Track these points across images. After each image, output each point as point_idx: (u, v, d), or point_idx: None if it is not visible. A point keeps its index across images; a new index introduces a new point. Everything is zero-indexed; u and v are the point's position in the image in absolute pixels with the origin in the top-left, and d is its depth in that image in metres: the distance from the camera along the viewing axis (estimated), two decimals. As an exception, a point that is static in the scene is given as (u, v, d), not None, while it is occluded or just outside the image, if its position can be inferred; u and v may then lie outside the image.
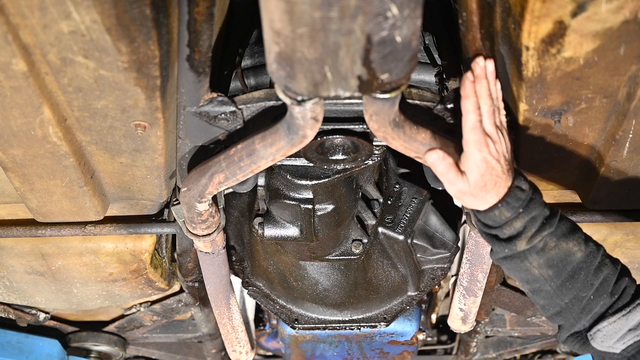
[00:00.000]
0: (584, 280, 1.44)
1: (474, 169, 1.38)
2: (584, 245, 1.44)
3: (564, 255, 1.43)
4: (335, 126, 1.53)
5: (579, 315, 1.47)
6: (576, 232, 1.46)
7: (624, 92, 1.42)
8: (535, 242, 1.42)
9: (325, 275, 2.19)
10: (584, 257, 1.43)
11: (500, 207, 1.40)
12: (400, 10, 1.00)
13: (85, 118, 1.44)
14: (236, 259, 2.30)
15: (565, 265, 1.43)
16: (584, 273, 1.44)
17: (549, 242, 1.42)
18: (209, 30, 1.34)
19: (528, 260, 1.44)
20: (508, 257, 1.46)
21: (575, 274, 1.44)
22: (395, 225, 2.16)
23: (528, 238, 1.42)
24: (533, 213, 1.41)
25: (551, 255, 1.43)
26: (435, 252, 2.22)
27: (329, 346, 2.48)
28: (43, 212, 1.76)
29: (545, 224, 1.41)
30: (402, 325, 2.36)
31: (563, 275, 1.44)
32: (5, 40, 1.20)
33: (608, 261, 1.46)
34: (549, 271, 1.44)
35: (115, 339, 2.75)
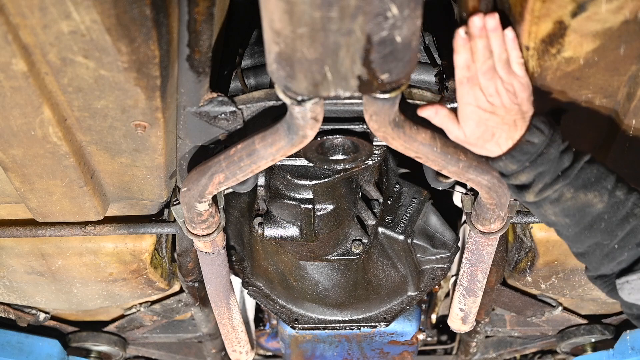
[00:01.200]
0: (604, 230, 1.41)
1: (467, 121, 1.38)
2: (607, 196, 1.40)
3: (581, 206, 1.41)
4: (335, 126, 1.53)
5: (602, 261, 1.45)
6: (601, 181, 1.41)
7: (624, 92, 1.42)
8: (547, 194, 1.41)
9: (325, 275, 2.19)
10: (605, 207, 1.40)
11: (505, 159, 1.40)
12: (400, 10, 1.00)
13: (85, 118, 1.45)
14: (236, 259, 2.30)
15: (583, 215, 1.41)
16: (605, 224, 1.41)
17: (566, 193, 1.40)
18: (209, 30, 1.34)
19: (542, 208, 1.44)
20: (526, 205, 1.46)
21: (595, 224, 1.42)
22: (395, 225, 2.16)
23: (536, 192, 1.41)
24: (541, 168, 1.38)
25: (567, 206, 1.41)
26: (435, 252, 2.22)
27: (329, 346, 2.48)
28: (43, 212, 1.77)
29: (559, 178, 1.39)
30: (402, 325, 2.36)
31: (581, 225, 1.43)
32: (5, 40, 1.20)
33: (638, 211, 1.41)
34: (566, 219, 1.43)
35: (115, 339, 2.75)
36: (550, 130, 1.38)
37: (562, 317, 2.55)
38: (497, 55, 1.31)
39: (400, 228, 2.17)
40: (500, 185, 1.60)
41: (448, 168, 1.50)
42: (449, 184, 1.91)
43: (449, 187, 1.95)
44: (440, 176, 1.84)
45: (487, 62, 1.31)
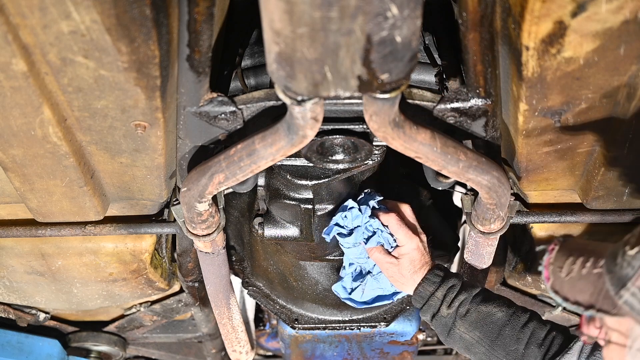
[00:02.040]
0: (510, 335, 1.69)
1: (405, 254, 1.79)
2: (505, 307, 1.73)
3: (485, 316, 1.71)
4: (335, 126, 1.53)
5: None
6: (498, 299, 1.75)
7: (624, 92, 1.42)
8: (456, 307, 1.72)
9: (325, 275, 2.19)
10: (506, 316, 1.71)
11: (423, 285, 1.76)
12: (400, 10, 1.00)
13: (85, 118, 1.45)
14: (236, 259, 2.29)
15: (488, 324, 1.71)
16: (509, 329, 1.70)
17: (470, 308, 1.72)
18: (209, 30, 1.34)
19: (457, 327, 1.73)
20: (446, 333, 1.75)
21: (501, 331, 1.70)
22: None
23: (448, 304, 1.73)
24: (451, 283, 1.74)
25: (473, 319, 1.72)
26: (435, 252, 2.22)
27: (329, 346, 2.47)
28: (43, 212, 1.77)
29: (462, 291, 1.73)
30: (402, 325, 2.36)
31: (490, 334, 1.71)
32: (5, 40, 1.20)
33: (535, 320, 1.71)
34: (477, 332, 1.72)
35: (115, 339, 2.74)
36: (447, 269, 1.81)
37: (562, 317, 2.55)
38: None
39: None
40: (500, 185, 1.60)
41: (448, 168, 1.50)
42: (449, 184, 1.91)
43: (449, 187, 1.95)
44: (440, 176, 1.85)
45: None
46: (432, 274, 1.76)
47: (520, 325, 1.69)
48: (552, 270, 1.29)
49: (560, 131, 1.54)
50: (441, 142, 1.44)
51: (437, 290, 1.74)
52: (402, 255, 1.80)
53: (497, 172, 1.57)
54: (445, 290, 1.73)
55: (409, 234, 1.79)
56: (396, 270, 1.81)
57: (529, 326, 1.69)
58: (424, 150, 1.44)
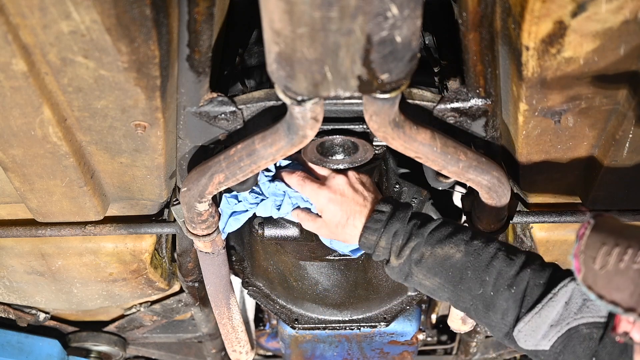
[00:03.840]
0: (473, 279, 1.47)
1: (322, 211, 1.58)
2: (464, 246, 1.48)
3: (441, 260, 1.49)
4: (335, 126, 1.53)
5: (489, 315, 1.47)
6: (456, 234, 1.50)
7: (624, 92, 1.42)
8: (407, 255, 1.51)
9: (325, 275, 2.19)
10: (464, 256, 1.47)
11: (364, 234, 1.54)
12: (400, 10, 1.00)
13: (85, 118, 1.45)
14: (236, 259, 2.29)
15: (447, 268, 1.49)
16: (471, 271, 1.47)
17: (425, 252, 1.50)
18: (209, 30, 1.34)
19: (414, 275, 1.53)
20: (403, 279, 1.55)
21: (463, 274, 1.48)
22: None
23: (396, 253, 1.52)
24: (394, 229, 1.51)
25: (429, 264, 1.50)
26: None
27: (329, 346, 2.47)
28: (43, 212, 1.77)
29: (412, 237, 1.51)
30: (402, 325, 2.36)
31: (452, 280, 1.49)
32: (5, 40, 1.20)
33: (502, 255, 1.46)
34: (436, 279, 1.50)
35: (115, 339, 2.74)
36: (395, 201, 1.56)
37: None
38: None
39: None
40: (500, 185, 1.60)
41: (448, 168, 1.50)
42: (449, 184, 1.91)
43: (449, 187, 1.95)
44: (440, 176, 1.84)
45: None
46: (372, 220, 1.54)
47: (484, 265, 1.46)
48: (584, 261, 1.11)
49: (560, 131, 1.54)
50: (441, 142, 1.44)
51: (380, 238, 1.52)
52: (319, 211, 1.60)
53: (497, 172, 1.57)
54: (389, 237, 1.51)
55: (314, 188, 1.59)
56: (326, 230, 1.61)
57: (493, 265, 1.45)
58: (424, 150, 1.44)
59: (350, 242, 1.60)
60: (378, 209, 1.55)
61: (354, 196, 1.57)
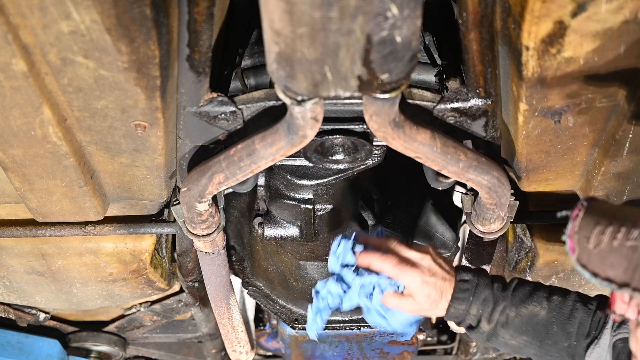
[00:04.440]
0: (559, 332, 1.55)
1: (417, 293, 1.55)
2: (546, 302, 1.56)
3: (528, 319, 1.55)
4: (335, 126, 1.53)
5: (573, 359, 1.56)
6: (535, 293, 1.58)
7: (624, 92, 1.42)
8: (496, 319, 1.56)
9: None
10: (549, 312, 1.55)
11: (454, 305, 1.57)
12: (400, 10, 1.00)
13: (85, 118, 1.44)
14: (236, 259, 2.29)
15: (533, 326, 1.55)
16: (556, 326, 1.54)
17: (510, 314, 1.56)
18: (209, 30, 1.34)
19: (501, 336, 1.58)
20: (487, 341, 1.60)
21: (549, 330, 1.55)
22: (395, 225, 2.16)
23: (487, 319, 1.56)
24: (482, 296, 1.56)
25: (516, 324, 1.56)
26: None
27: (329, 346, 2.47)
28: (43, 212, 1.76)
29: (499, 300, 1.56)
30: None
31: (538, 337, 1.56)
32: (5, 40, 1.20)
33: (580, 305, 1.55)
34: (523, 337, 1.57)
35: (115, 339, 2.74)
36: (473, 270, 1.60)
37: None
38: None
39: (400, 228, 2.17)
40: (500, 185, 1.60)
41: (448, 168, 1.50)
42: (449, 184, 1.91)
43: (449, 187, 1.95)
44: (440, 176, 1.84)
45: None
46: (460, 291, 1.56)
47: (566, 318, 1.54)
48: (578, 241, 1.13)
49: (560, 131, 1.54)
50: (441, 142, 1.44)
51: (470, 307, 1.56)
52: (413, 294, 1.57)
53: (497, 172, 1.57)
54: (479, 305, 1.56)
55: (408, 271, 1.55)
56: (417, 308, 1.59)
57: (575, 316, 1.53)
58: (424, 150, 1.44)
59: (439, 314, 1.62)
60: (462, 279, 1.58)
61: (442, 274, 1.58)
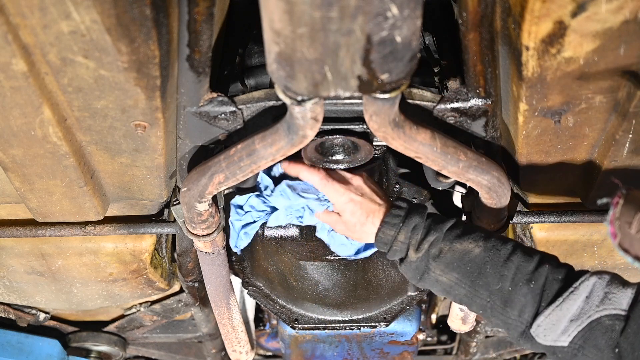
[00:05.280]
0: (492, 273, 1.46)
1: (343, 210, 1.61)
2: (482, 242, 1.49)
3: (460, 255, 1.49)
4: (335, 126, 1.53)
5: (506, 311, 1.46)
6: (474, 232, 1.52)
7: (624, 92, 1.42)
8: (426, 249, 1.51)
9: (325, 275, 2.19)
10: (484, 251, 1.48)
11: (382, 229, 1.55)
12: (400, 10, 1.00)
13: (85, 118, 1.45)
14: (236, 259, 2.29)
15: (465, 263, 1.49)
16: (490, 266, 1.47)
17: (443, 247, 1.51)
18: (209, 30, 1.34)
19: (431, 270, 1.52)
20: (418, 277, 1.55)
21: (481, 269, 1.47)
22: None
23: (415, 247, 1.52)
24: (413, 223, 1.53)
25: (448, 259, 1.50)
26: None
27: (329, 346, 2.47)
28: (43, 212, 1.76)
29: (431, 230, 1.52)
30: (402, 325, 2.36)
31: (469, 274, 1.49)
32: (5, 40, 1.20)
33: (519, 251, 1.47)
34: (454, 274, 1.50)
35: (115, 339, 2.74)
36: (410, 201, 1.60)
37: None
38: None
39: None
40: (500, 185, 1.60)
41: (448, 168, 1.50)
42: (449, 184, 1.91)
43: (449, 187, 1.95)
44: (440, 176, 1.84)
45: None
46: (391, 216, 1.55)
47: (503, 260, 1.46)
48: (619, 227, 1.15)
49: (560, 131, 1.54)
50: (441, 142, 1.44)
51: (398, 233, 1.53)
52: (340, 211, 1.63)
53: (497, 172, 1.57)
54: (408, 231, 1.53)
55: (335, 185, 1.61)
56: (343, 227, 1.63)
57: (512, 260, 1.46)
58: (424, 150, 1.44)
59: (367, 239, 1.61)
60: (396, 205, 1.57)
61: (372, 196, 1.61)
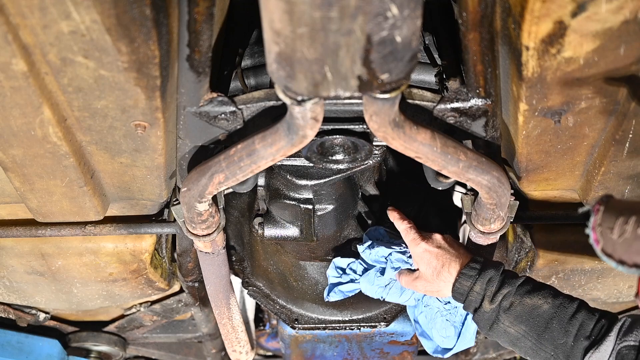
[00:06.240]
0: (558, 329, 1.59)
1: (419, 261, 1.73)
2: (551, 298, 1.62)
3: (530, 309, 1.61)
4: (335, 126, 1.53)
5: None
6: (543, 289, 1.64)
7: (624, 92, 1.42)
8: (499, 301, 1.62)
9: (325, 275, 2.19)
10: (552, 307, 1.61)
11: (459, 279, 1.66)
12: (400, 10, 1.00)
13: (85, 118, 1.45)
14: (236, 259, 2.29)
15: (534, 317, 1.61)
16: (557, 322, 1.59)
17: (514, 301, 1.62)
18: (209, 30, 1.34)
19: (501, 322, 1.63)
20: (488, 327, 1.66)
21: (549, 324, 1.60)
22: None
23: (490, 298, 1.63)
24: (488, 276, 1.64)
25: (518, 312, 1.62)
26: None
27: (329, 346, 2.47)
28: (43, 212, 1.76)
29: (504, 284, 1.63)
30: (402, 325, 2.36)
31: (536, 329, 1.61)
32: (5, 40, 1.20)
33: (584, 310, 1.60)
34: (522, 326, 1.62)
35: (115, 339, 2.74)
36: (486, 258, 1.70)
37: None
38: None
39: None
40: (501, 185, 1.60)
41: (448, 168, 1.50)
42: (449, 184, 1.91)
43: (449, 187, 1.95)
44: (440, 176, 1.85)
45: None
46: (468, 268, 1.66)
47: (568, 317, 1.59)
48: (601, 232, 1.19)
49: (560, 131, 1.54)
50: (441, 142, 1.44)
51: (474, 284, 1.64)
52: (417, 262, 1.75)
53: (497, 172, 1.57)
54: (484, 283, 1.63)
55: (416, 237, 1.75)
56: (422, 283, 1.74)
57: (577, 317, 1.58)
58: (424, 150, 1.44)
59: (443, 290, 1.71)
60: (473, 259, 1.69)
61: (448, 249, 1.73)
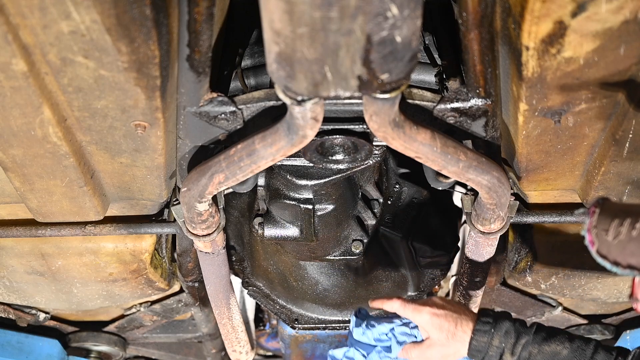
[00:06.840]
0: None
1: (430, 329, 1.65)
2: (568, 343, 1.61)
3: (550, 356, 1.60)
4: (335, 126, 1.53)
5: None
6: (558, 334, 1.63)
7: (624, 92, 1.42)
8: (519, 352, 1.60)
9: (325, 275, 2.19)
10: (571, 352, 1.60)
11: (475, 337, 1.62)
12: (400, 10, 1.00)
13: (85, 118, 1.45)
14: (236, 259, 2.29)
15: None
16: None
17: (532, 350, 1.60)
18: (209, 30, 1.34)
19: None
20: None
21: None
22: (395, 226, 2.16)
23: (511, 351, 1.60)
24: (504, 328, 1.61)
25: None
26: (435, 253, 2.22)
27: (329, 346, 2.47)
28: (43, 212, 1.76)
29: (522, 334, 1.61)
30: (402, 325, 2.35)
31: None
32: (5, 40, 1.20)
33: (601, 350, 1.60)
34: None
35: (115, 339, 2.74)
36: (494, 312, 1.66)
37: (562, 317, 2.55)
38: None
39: (400, 228, 2.17)
40: (500, 185, 1.60)
41: (448, 168, 1.50)
42: (449, 184, 1.91)
43: (449, 187, 1.95)
44: (440, 176, 1.85)
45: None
46: (481, 323, 1.63)
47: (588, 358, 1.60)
48: (597, 234, 1.20)
49: (560, 131, 1.54)
50: (441, 142, 1.44)
51: (492, 338, 1.61)
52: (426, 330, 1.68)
53: (497, 172, 1.57)
54: (501, 336, 1.61)
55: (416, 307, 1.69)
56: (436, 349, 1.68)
57: (596, 358, 1.60)
58: (424, 150, 1.44)
59: (461, 351, 1.66)
60: (483, 313, 1.65)
61: (452, 308, 1.68)
